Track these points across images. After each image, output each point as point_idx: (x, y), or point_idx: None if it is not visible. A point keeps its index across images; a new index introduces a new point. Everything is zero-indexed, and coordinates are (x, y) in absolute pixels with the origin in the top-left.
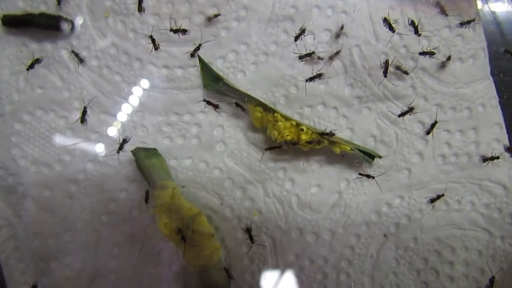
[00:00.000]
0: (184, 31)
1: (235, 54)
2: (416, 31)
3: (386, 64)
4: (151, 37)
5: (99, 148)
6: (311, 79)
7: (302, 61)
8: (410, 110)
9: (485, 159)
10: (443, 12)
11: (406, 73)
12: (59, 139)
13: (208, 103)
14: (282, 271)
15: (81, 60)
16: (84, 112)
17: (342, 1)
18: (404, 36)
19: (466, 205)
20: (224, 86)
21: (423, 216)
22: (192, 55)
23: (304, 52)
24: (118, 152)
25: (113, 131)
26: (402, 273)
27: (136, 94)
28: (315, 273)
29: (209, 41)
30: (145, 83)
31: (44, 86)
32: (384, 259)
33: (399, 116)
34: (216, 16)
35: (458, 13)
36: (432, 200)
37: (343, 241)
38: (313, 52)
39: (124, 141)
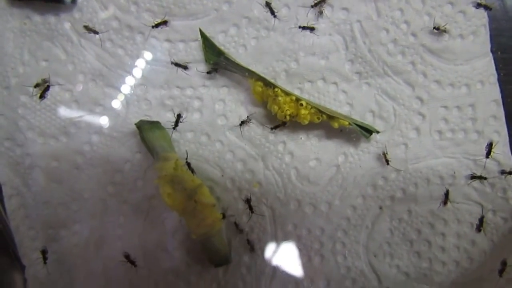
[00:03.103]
0: (165, 23)
1: (236, 29)
2: None
3: (446, 195)
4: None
5: (104, 121)
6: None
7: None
8: None
9: (472, 177)
10: None
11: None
12: (65, 112)
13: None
14: (281, 240)
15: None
16: (46, 89)
17: None
18: (406, 11)
19: (460, 180)
20: (225, 60)
21: (417, 190)
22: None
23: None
24: (40, 98)
25: (117, 104)
26: (395, 243)
27: (139, 68)
28: (312, 242)
29: None
30: (147, 57)
31: (49, 59)
32: (379, 230)
33: None
34: None
35: None
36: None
37: (340, 212)
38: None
39: (47, 87)
